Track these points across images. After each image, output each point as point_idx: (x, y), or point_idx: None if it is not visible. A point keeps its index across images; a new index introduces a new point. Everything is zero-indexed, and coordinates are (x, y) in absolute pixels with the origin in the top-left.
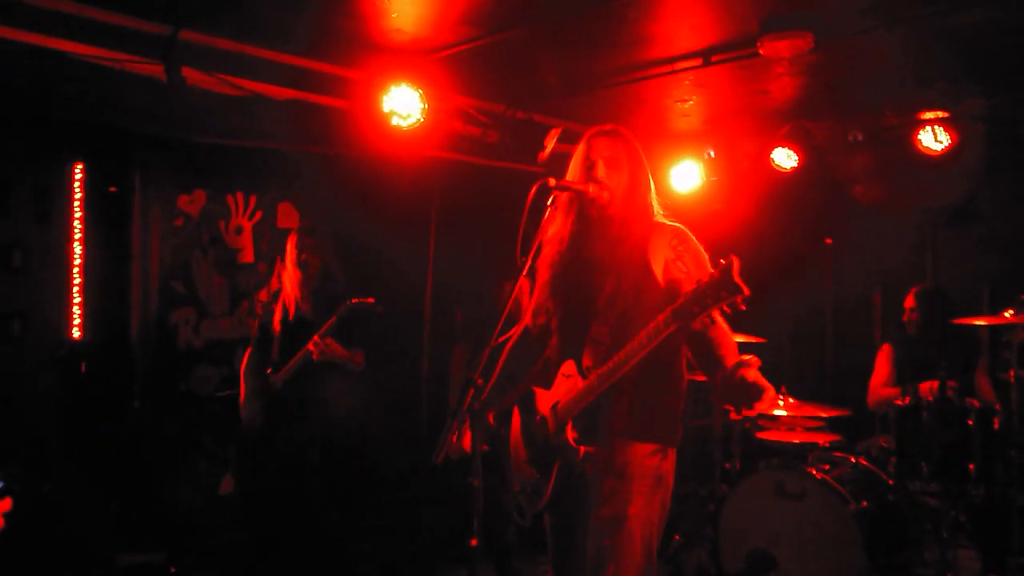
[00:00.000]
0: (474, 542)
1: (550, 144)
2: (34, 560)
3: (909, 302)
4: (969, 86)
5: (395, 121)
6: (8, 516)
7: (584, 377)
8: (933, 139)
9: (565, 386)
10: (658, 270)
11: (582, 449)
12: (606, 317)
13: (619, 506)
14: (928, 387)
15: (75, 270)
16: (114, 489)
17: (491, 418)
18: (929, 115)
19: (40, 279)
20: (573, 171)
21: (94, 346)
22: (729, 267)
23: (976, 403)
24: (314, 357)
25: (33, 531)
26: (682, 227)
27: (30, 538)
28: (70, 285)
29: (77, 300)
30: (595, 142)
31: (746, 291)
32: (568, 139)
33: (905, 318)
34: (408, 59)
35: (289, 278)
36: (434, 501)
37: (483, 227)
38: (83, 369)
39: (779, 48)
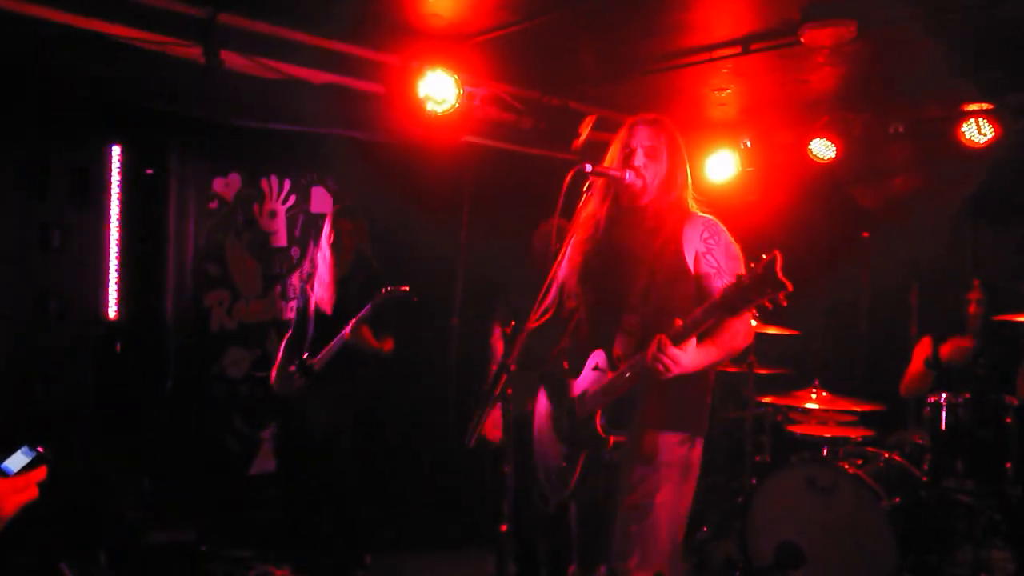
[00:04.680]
0: (504, 528)
1: (585, 132)
2: (67, 534)
3: (975, 293)
4: (1014, 78)
5: (430, 106)
6: (43, 486)
7: (614, 367)
8: (976, 131)
9: (593, 376)
10: (691, 262)
11: (612, 439)
12: (638, 309)
13: (647, 493)
14: (952, 348)
15: (112, 251)
16: (146, 467)
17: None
18: (972, 107)
19: (77, 259)
20: (612, 157)
21: (129, 326)
22: (773, 263)
23: (1015, 400)
24: (346, 338)
25: (67, 506)
26: (714, 219)
27: (64, 512)
28: (106, 266)
29: (113, 281)
30: (637, 130)
31: (789, 287)
32: (603, 127)
33: (972, 310)
34: (444, 44)
35: (323, 260)
36: (463, 486)
37: (516, 213)
38: (118, 349)
39: (821, 37)
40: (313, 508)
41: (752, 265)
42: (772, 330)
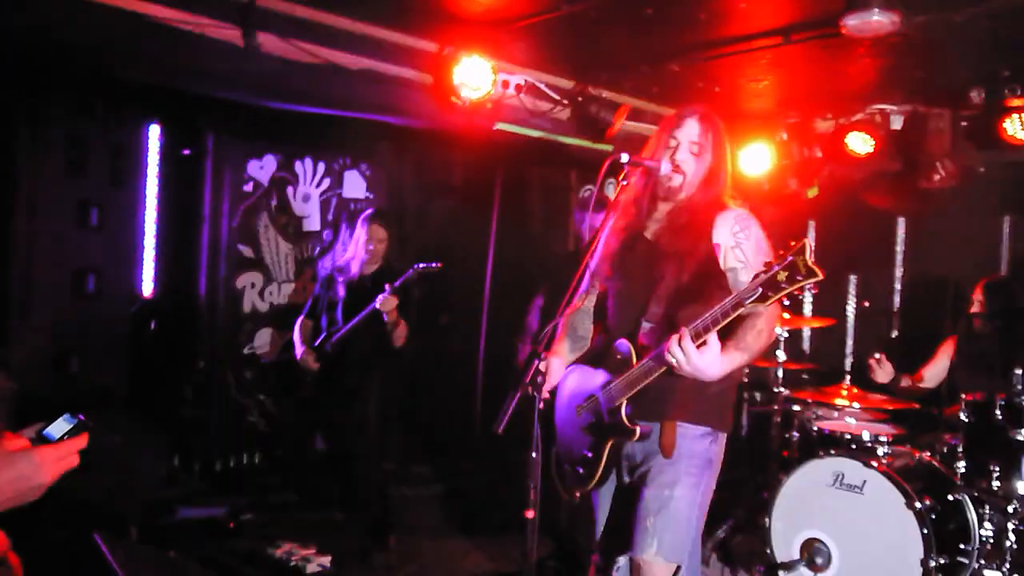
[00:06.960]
0: (530, 513)
1: (619, 121)
2: (98, 509)
3: (977, 293)
4: None
5: (465, 93)
6: (82, 454)
7: (638, 357)
8: (1020, 127)
9: (618, 365)
10: (720, 256)
11: (638, 429)
12: (665, 301)
13: (666, 485)
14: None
15: (148, 230)
16: (177, 444)
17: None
18: (1016, 102)
19: (115, 237)
20: (654, 145)
21: (163, 304)
22: (803, 250)
23: None
24: (378, 305)
25: (99, 480)
26: (746, 211)
27: (95, 487)
28: (143, 244)
29: (149, 259)
30: (685, 123)
31: (821, 275)
32: (637, 117)
33: (972, 310)
34: (481, 30)
35: (354, 261)
36: (489, 470)
37: (547, 201)
38: (152, 326)
39: (864, 27)
40: (340, 484)
41: (781, 253)
42: (803, 324)
